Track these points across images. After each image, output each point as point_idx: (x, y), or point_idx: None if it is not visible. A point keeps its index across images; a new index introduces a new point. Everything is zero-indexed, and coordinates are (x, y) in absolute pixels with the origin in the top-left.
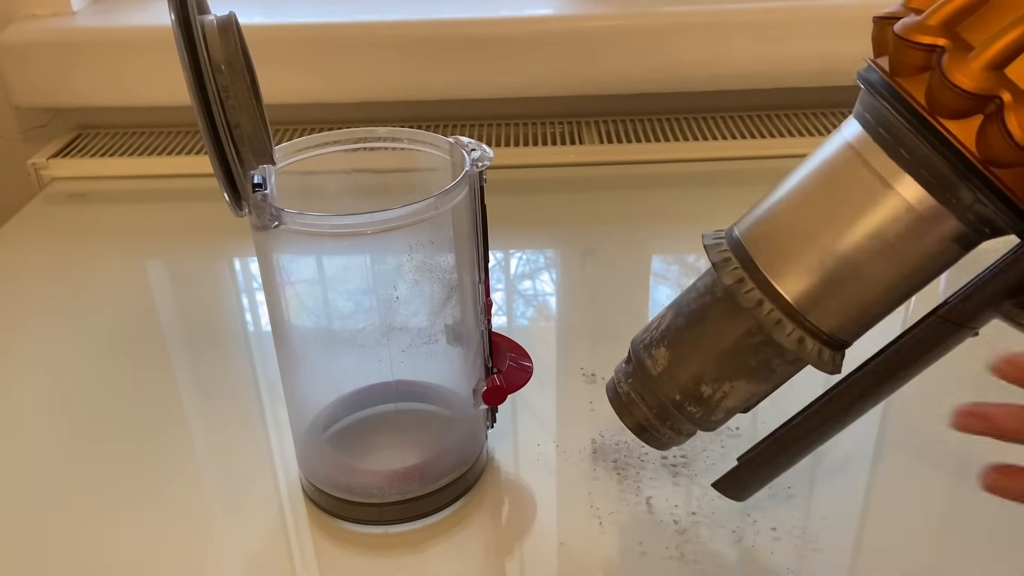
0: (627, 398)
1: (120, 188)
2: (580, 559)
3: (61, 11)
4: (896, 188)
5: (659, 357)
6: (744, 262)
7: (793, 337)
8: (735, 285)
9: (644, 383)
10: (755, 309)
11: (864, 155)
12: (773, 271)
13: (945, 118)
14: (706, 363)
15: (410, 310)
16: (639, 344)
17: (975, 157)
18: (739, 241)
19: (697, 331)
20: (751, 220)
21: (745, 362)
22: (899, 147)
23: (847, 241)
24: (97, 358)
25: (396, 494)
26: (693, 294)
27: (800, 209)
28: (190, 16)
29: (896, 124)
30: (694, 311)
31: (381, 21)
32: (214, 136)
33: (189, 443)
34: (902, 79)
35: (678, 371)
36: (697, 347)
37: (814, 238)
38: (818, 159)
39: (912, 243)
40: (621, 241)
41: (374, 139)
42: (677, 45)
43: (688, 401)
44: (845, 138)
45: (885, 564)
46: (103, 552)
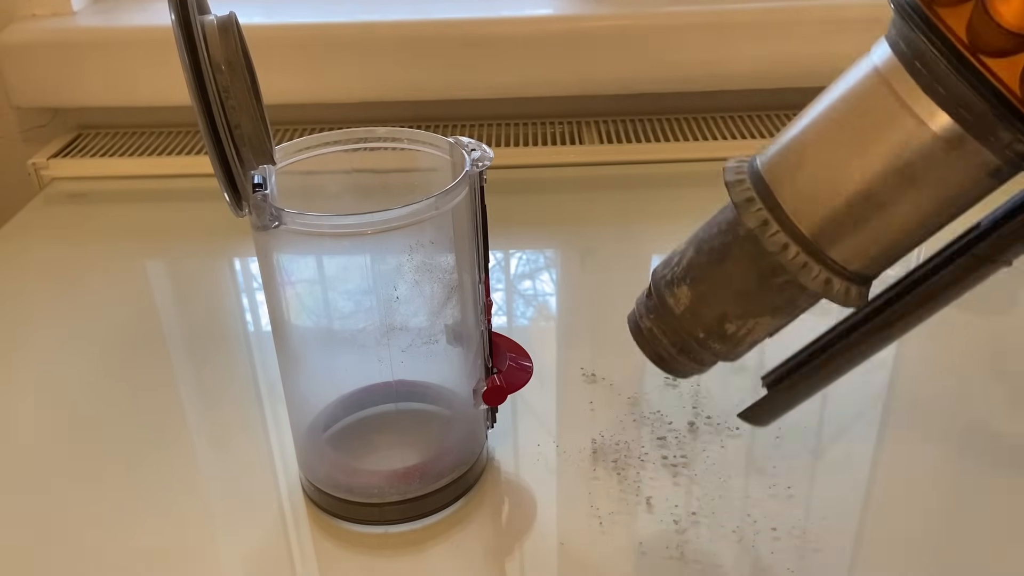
0: (649, 333)
1: (120, 188)
2: (580, 559)
3: (61, 11)
4: (931, 126)
5: (681, 296)
6: (768, 201)
7: (820, 279)
8: (759, 228)
9: (666, 320)
10: (780, 254)
11: (896, 89)
12: (798, 212)
13: (988, 56)
14: (730, 302)
15: (410, 310)
16: (660, 280)
17: (1018, 99)
18: (761, 177)
19: (720, 270)
20: (774, 153)
21: (770, 300)
22: (935, 83)
23: (878, 181)
24: (97, 358)
25: (396, 494)
26: (714, 230)
27: (827, 145)
28: (190, 16)
29: (932, 59)
30: (715, 248)
31: (381, 21)
32: (214, 136)
33: (189, 443)
34: (940, 7)
35: (701, 309)
36: (720, 287)
37: (843, 178)
38: (846, 86)
39: (946, 180)
40: (621, 241)
41: (374, 139)
42: (677, 45)
43: (712, 338)
44: (875, 65)
45: (885, 564)
46: (103, 551)
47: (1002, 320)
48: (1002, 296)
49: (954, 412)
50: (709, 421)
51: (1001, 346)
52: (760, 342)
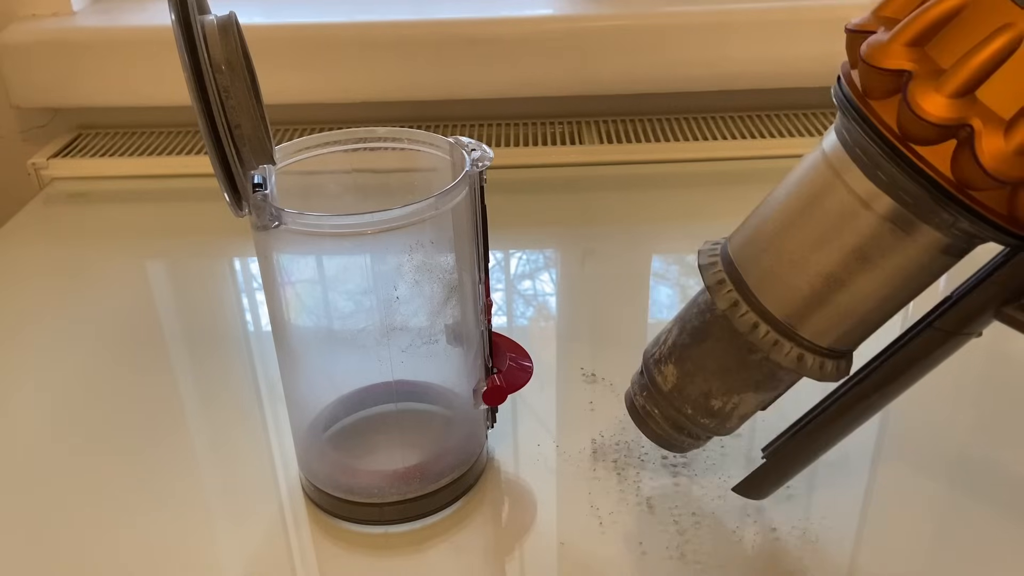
0: (643, 411)
1: (120, 188)
2: (580, 559)
3: (61, 11)
4: (876, 209)
5: (668, 373)
6: (737, 283)
7: (792, 356)
8: (730, 310)
9: (656, 398)
10: (751, 333)
11: (842, 174)
12: (764, 293)
13: (917, 144)
14: (712, 380)
15: (410, 310)
16: (649, 358)
17: (950, 183)
18: (731, 260)
19: (700, 349)
20: (741, 239)
21: (750, 376)
22: (876, 170)
23: (835, 264)
24: (96, 358)
25: (396, 494)
26: (695, 310)
27: (784, 230)
28: (190, 16)
29: (870, 148)
30: (696, 328)
31: (381, 21)
32: (214, 136)
33: (189, 443)
34: (873, 101)
35: (687, 387)
36: (702, 365)
37: (801, 260)
38: (799, 175)
39: (899, 260)
40: (621, 241)
41: (374, 139)
42: (677, 45)
43: (700, 414)
44: (825, 153)
45: (885, 564)
46: (102, 551)
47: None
48: None
49: (954, 412)
50: None
51: (1001, 346)
52: (750, 415)
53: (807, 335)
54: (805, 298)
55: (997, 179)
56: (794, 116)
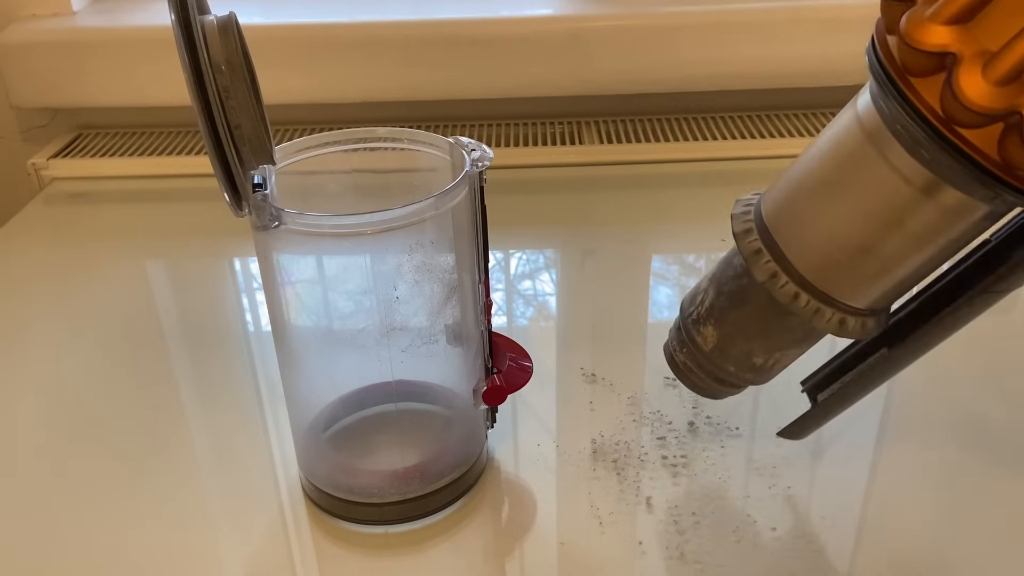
0: (684, 367)
1: (120, 188)
2: (580, 559)
3: (61, 11)
4: (918, 185)
5: (708, 335)
6: (775, 253)
7: (833, 321)
8: (769, 281)
9: (698, 356)
10: (791, 304)
11: (883, 149)
12: (803, 263)
13: (964, 128)
14: (754, 340)
15: (410, 310)
16: (687, 318)
17: (997, 165)
18: (766, 228)
19: (741, 313)
20: (774, 204)
21: (791, 336)
22: (919, 147)
23: (874, 234)
24: (96, 358)
25: (396, 494)
26: (731, 272)
27: (822, 201)
28: (190, 16)
29: (912, 127)
30: (734, 292)
31: (381, 21)
32: (214, 136)
33: (189, 443)
34: (914, 78)
35: (729, 348)
36: (743, 327)
37: (841, 233)
38: (834, 139)
39: (942, 229)
40: (621, 241)
41: (374, 139)
42: (677, 45)
43: (742, 370)
44: (860, 119)
45: (885, 564)
46: (102, 551)
47: (1002, 320)
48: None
49: (954, 412)
50: (709, 421)
51: (1001, 346)
52: (789, 365)
53: (847, 300)
54: (845, 268)
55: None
56: (794, 116)
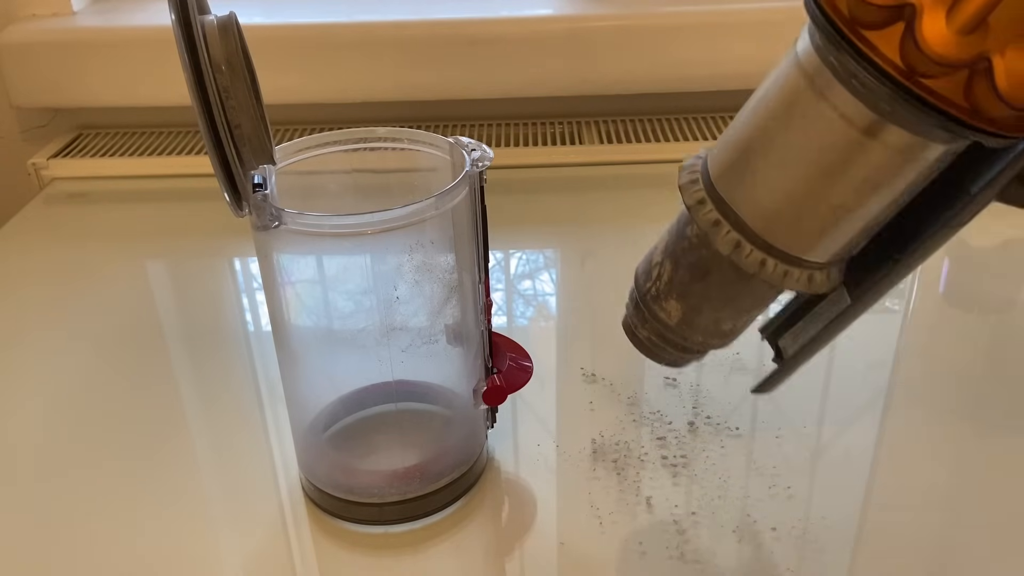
0: (649, 342)
1: (120, 188)
2: (580, 559)
3: (61, 11)
4: (883, 139)
5: (671, 309)
6: (733, 221)
7: (802, 279)
8: (734, 252)
9: (662, 331)
10: (759, 271)
11: (837, 105)
12: (765, 227)
13: (927, 79)
14: (721, 308)
15: (410, 310)
16: (646, 295)
17: (965, 111)
18: (719, 194)
19: (704, 284)
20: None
21: (759, 298)
22: (880, 102)
23: (842, 193)
24: (96, 358)
25: (396, 494)
26: (686, 243)
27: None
28: (190, 16)
29: (871, 82)
30: (693, 264)
31: (381, 21)
32: (214, 136)
33: (189, 443)
34: (868, 32)
35: (695, 319)
36: (708, 298)
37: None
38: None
39: (899, 175)
40: (621, 242)
41: (374, 139)
42: (677, 45)
43: (711, 338)
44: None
45: (885, 564)
46: (102, 551)
47: (1002, 320)
48: (1002, 296)
49: (954, 412)
50: (709, 421)
51: (1001, 346)
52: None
53: (812, 256)
54: (806, 224)
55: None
56: None
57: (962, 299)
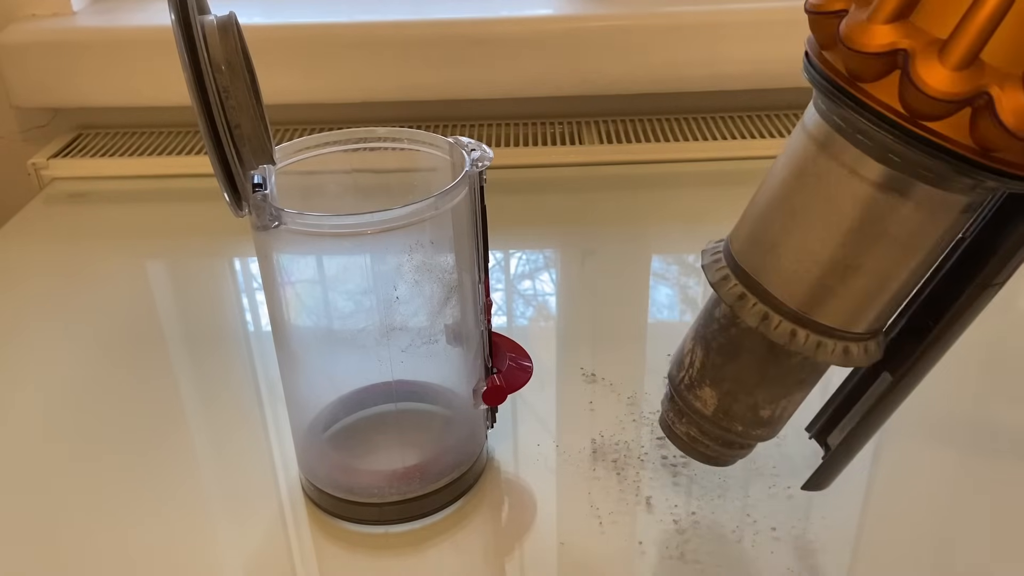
0: (688, 438)
1: (120, 188)
2: (580, 559)
3: (61, 11)
4: (896, 191)
5: (706, 397)
6: (760, 295)
7: (837, 352)
8: (762, 324)
9: (700, 423)
10: (790, 342)
11: (846, 162)
12: (794, 298)
13: (931, 122)
14: (757, 391)
15: (410, 310)
16: (679, 385)
17: (972, 151)
18: (743, 270)
19: (736, 367)
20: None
21: (794, 377)
22: (887, 152)
23: (863, 252)
24: (96, 358)
25: (396, 494)
26: (715, 326)
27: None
28: (190, 16)
29: (876, 133)
30: (723, 346)
31: (381, 21)
32: (214, 136)
33: (189, 443)
34: (866, 84)
35: (732, 407)
36: (741, 382)
37: (829, 258)
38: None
39: (929, 231)
40: (621, 241)
41: (374, 139)
42: (677, 45)
43: (751, 427)
44: (815, 139)
45: (885, 564)
46: (102, 551)
47: (1002, 319)
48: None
49: (954, 412)
50: None
51: (1001, 346)
52: (797, 408)
53: (845, 327)
54: (835, 292)
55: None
56: (793, 116)
57: None
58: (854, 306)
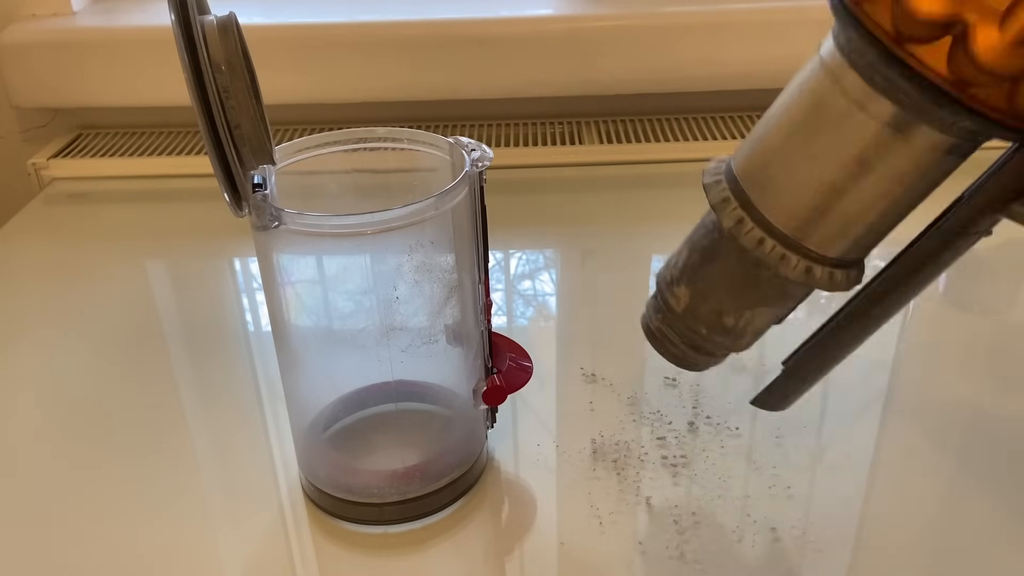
0: (659, 333)
1: (120, 188)
2: (580, 559)
3: (61, 11)
4: (874, 113)
5: (680, 295)
6: (742, 200)
7: (799, 268)
8: (735, 227)
9: (671, 320)
10: (757, 249)
11: (840, 79)
12: (769, 207)
13: (913, 45)
14: (724, 298)
15: (410, 310)
16: (662, 280)
17: (947, 81)
18: (735, 177)
19: (710, 269)
20: (743, 155)
21: (761, 292)
22: (872, 72)
23: (834, 170)
24: (96, 358)
25: (396, 494)
26: (702, 230)
27: (784, 141)
28: (190, 16)
29: (865, 51)
30: (705, 248)
31: (381, 21)
32: (214, 136)
33: (189, 443)
34: (866, 3)
35: (699, 307)
36: (713, 284)
37: (803, 171)
38: (797, 83)
39: (902, 163)
40: (621, 241)
41: (374, 139)
42: (677, 45)
43: (714, 332)
44: (822, 59)
45: (885, 564)
46: (102, 551)
47: (1002, 320)
48: (1002, 296)
49: (954, 412)
50: (709, 421)
51: (1001, 346)
52: (764, 331)
53: (814, 247)
54: (809, 209)
55: (993, 73)
56: None
57: (962, 299)
58: (825, 228)
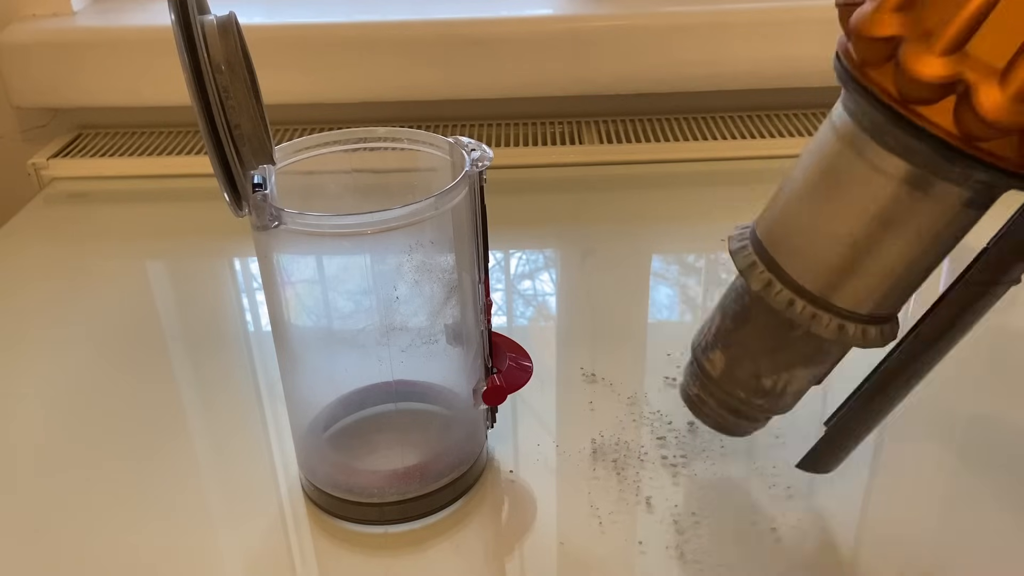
0: (698, 399)
1: (120, 188)
2: (580, 559)
3: (61, 11)
4: (890, 173)
5: (716, 360)
6: (768, 263)
7: (832, 327)
8: (764, 290)
9: (709, 386)
10: (787, 310)
11: (854, 144)
12: (796, 269)
13: (919, 106)
14: (759, 360)
15: (410, 310)
16: (697, 348)
17: (956, 138)
18: (760, 241)
19: (743, 332)
20: (766, 219)
21: (796, 352)
22: (884, 135)
23: (857, 229)
24: (96, 358)
25: (396, 494)
26: (733, 295)
27: (805, 205)
28: (190, 16)
29: (874, 115)
30: (737, 312)
31: (381, 21)
32: (214, 136)
33: (189, 443)
34: (870, 70)
35: (736, 371)
36: (747, 347)
37: (826, 232)
38: (813, 150)
39: (922, 219)
40: (621, 241)
41: (374, 139)
42: (677, 45)
43: (753, 395)
44: (835, 126)
45: (885, 564)
46: (102, 551)
47: (1002, 320)
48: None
49: (954, 412)
50: None
51: (1001, 345)
52: (804, 391)
53: (844, 304)
54: (835, 268)
55: (998, 128)
56: (794, 116)
57: None
58: (853, 284)
